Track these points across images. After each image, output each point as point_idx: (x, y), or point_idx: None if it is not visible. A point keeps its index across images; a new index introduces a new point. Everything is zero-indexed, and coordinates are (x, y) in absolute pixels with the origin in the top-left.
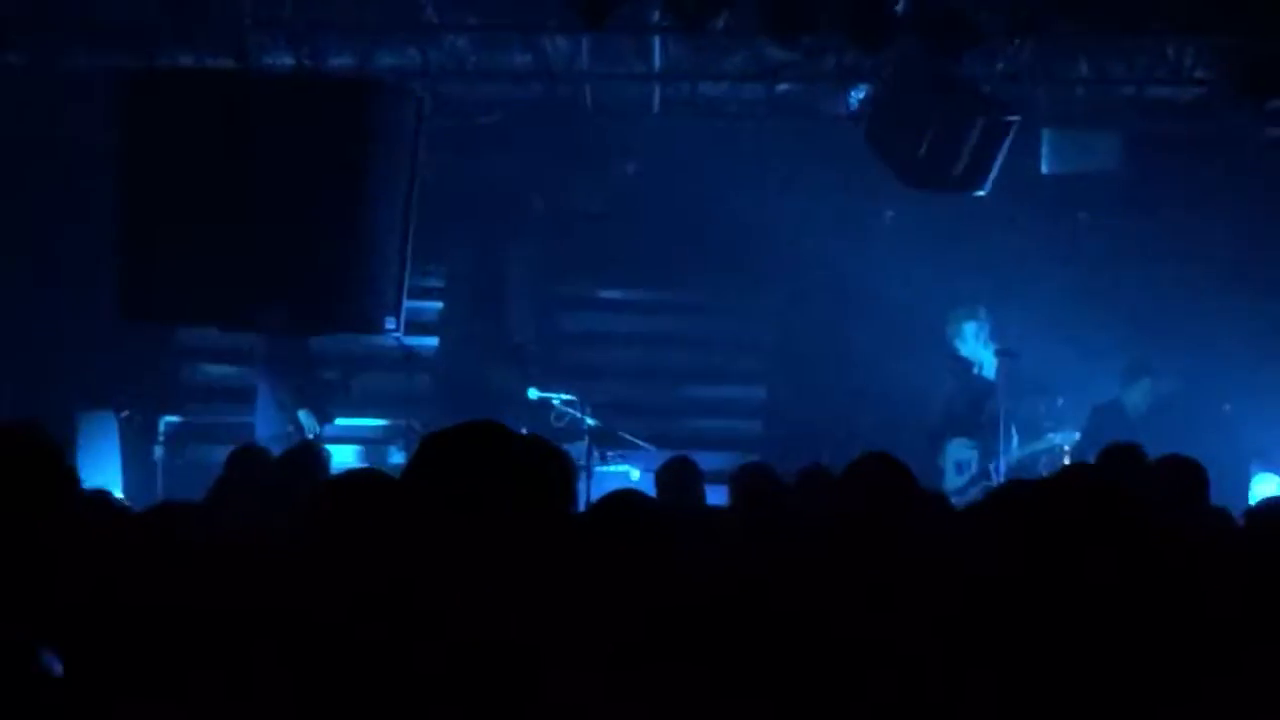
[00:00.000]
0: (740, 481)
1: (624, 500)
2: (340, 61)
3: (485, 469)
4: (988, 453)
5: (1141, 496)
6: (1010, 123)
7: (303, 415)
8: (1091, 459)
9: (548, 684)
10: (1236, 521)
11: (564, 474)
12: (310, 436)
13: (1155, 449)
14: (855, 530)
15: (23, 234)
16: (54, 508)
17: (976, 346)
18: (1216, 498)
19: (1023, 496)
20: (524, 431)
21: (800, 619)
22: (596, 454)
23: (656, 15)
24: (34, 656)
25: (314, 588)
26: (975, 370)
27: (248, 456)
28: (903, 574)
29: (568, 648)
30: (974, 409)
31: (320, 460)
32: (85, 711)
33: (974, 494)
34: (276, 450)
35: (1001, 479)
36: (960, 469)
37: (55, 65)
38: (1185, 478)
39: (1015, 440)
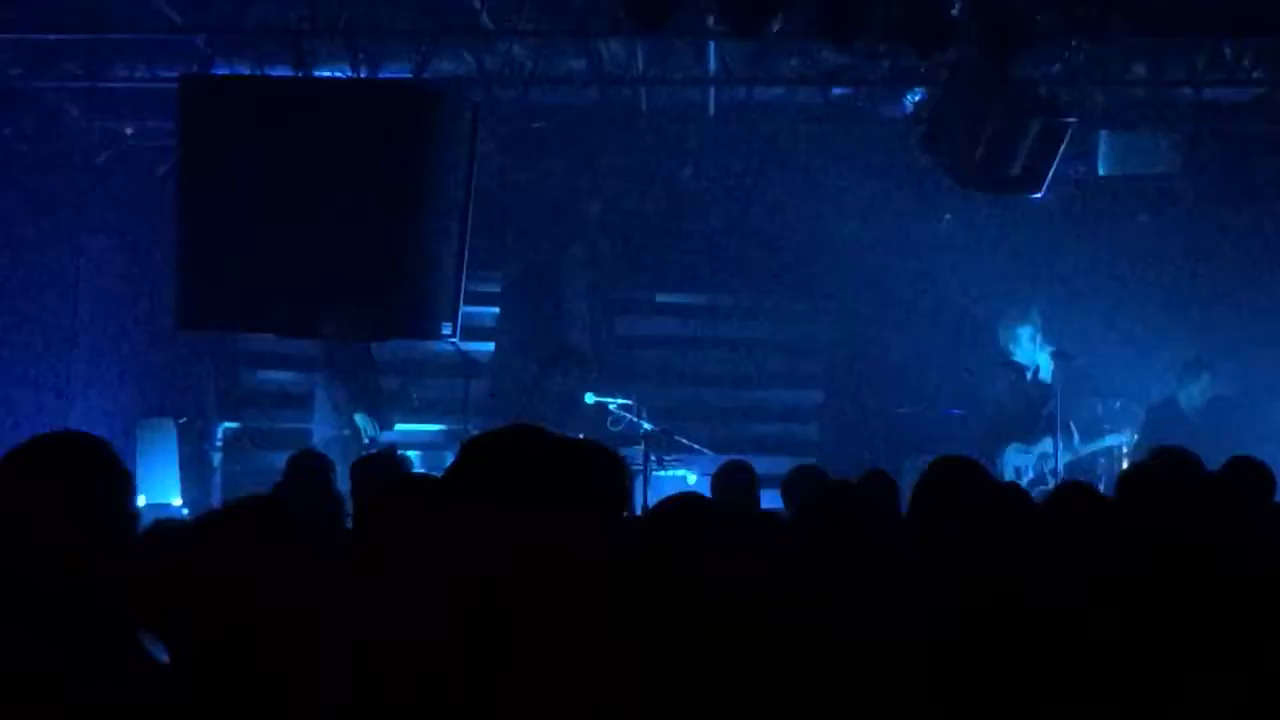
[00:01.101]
0: (793, 485)
1: (686, 502)
2: (395, 68)
3: (523, 470)
4: (1045, 456)
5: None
6: (1067, 124)
7: (359, 418)
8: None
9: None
10: None
11: (615, 477)
12: (366, 440)
13: (1213, 448)
14: (938, 530)
15: (85, 240)
16: (111, 514)
17: (1032, 350)
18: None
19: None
20: (580, 436)
21: (873, 622)
22: (653, 458)
23: (711, 19)
24: (139, 642)
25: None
26: (1030, 374)
27: (308, 461)
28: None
29: (609, 645)
30: (1030, 413)
31: (395, 466)
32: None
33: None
34: (332, 454)
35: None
36: (1018, 474)
37: (112, 73)
38: (1252, 479)
39: (1076, 440)
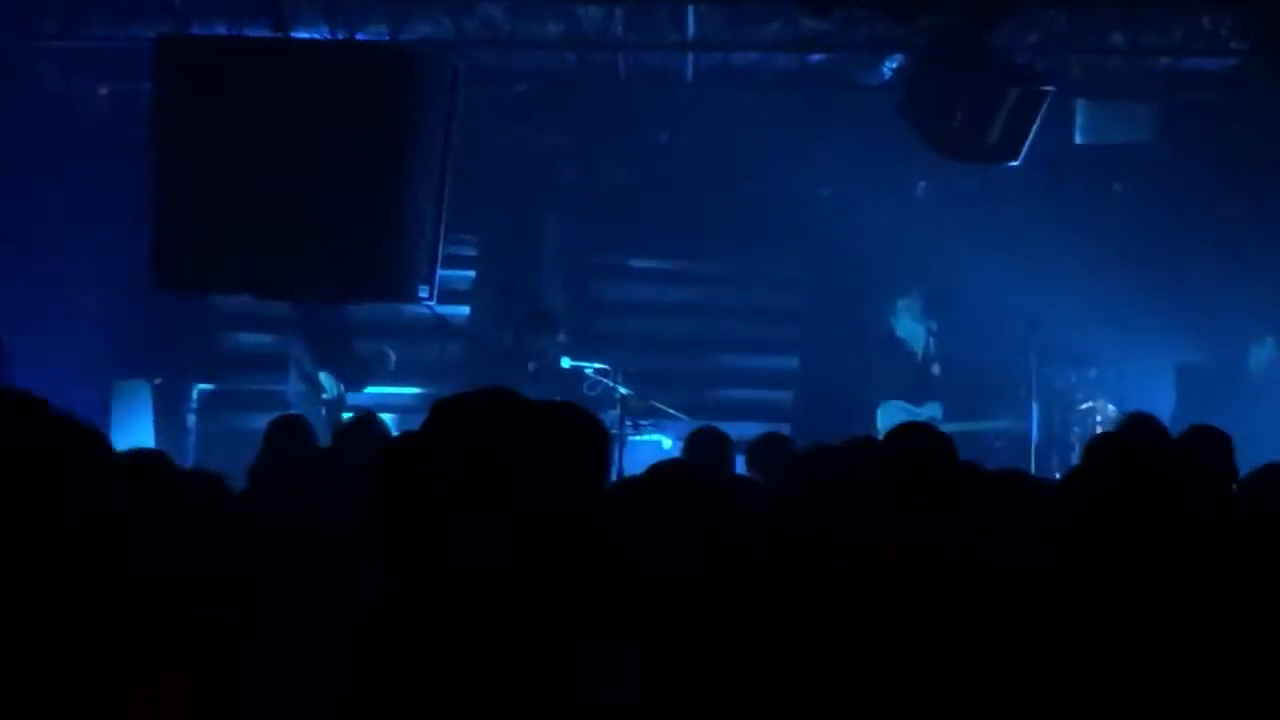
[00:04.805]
0: (759, 452)
1: (677, 469)
2: (373, 30)
3: (497, 434)
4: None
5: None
6: (1044, 93)
7: (323, 376)
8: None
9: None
10: None
11: (592, 440)
12: (326, 398)
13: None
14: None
15: (60, 201)
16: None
17: (911, 324)
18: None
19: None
20: (557, 400)
21: (863, 587)
22: (629, 423)
23: None
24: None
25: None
26: (908, 348)
27: (288, 426)
28: (954, 539)
29: (598, 617)
30: (915, 374)
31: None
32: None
33: None
34: (297, 410)
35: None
36: None
37: (88, 33)
38: (1211, 446)
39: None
